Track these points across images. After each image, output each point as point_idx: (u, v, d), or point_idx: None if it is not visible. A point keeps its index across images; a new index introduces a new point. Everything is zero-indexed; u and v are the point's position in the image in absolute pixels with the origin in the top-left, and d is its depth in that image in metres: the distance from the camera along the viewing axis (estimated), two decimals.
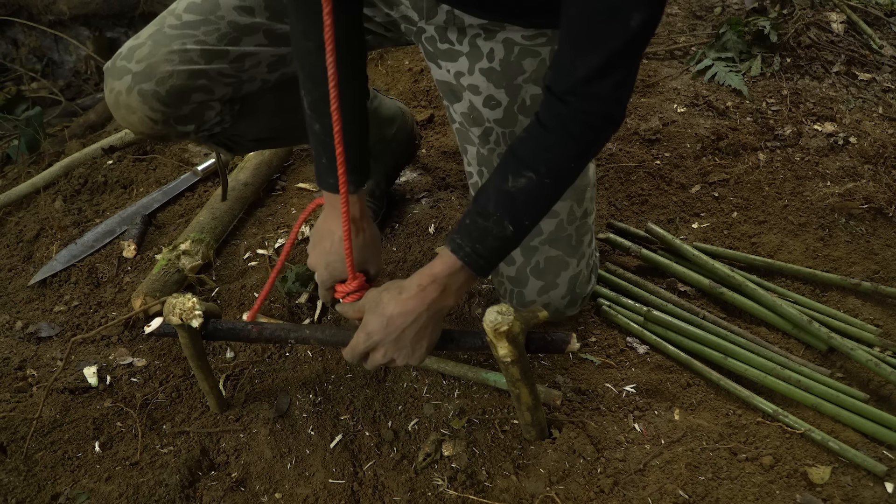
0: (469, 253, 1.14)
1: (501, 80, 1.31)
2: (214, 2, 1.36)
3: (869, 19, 2.50)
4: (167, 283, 1.68)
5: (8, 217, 2.10)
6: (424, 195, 1.94)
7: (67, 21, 3.19)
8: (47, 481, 1.33)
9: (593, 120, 1.07)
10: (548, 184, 1.11)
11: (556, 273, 1.42)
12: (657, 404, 1.38)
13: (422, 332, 1.18)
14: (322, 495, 1.28)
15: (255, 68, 1.40)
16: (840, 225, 1.75)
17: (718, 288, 1.58)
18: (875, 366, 1.38)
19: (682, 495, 1.21)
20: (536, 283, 1.42)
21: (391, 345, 1.18)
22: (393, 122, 1.84)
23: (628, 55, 1.02)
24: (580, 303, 1.50)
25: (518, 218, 1.13)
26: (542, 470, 1.27)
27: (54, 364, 1.59)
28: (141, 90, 1.31)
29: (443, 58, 1.35)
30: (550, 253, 1.41)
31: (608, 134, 1.12)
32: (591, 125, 1.07)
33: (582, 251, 1.45)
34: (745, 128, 2.07)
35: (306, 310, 1.67)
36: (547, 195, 1.14)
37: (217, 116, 1.42)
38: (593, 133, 1.09)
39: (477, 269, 1.16)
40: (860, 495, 1.21)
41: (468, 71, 1.33)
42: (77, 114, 2.85)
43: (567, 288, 1.44)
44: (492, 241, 1.14)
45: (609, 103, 1.06)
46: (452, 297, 1.18)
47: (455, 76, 1.35)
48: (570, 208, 1.40)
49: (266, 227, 1.92)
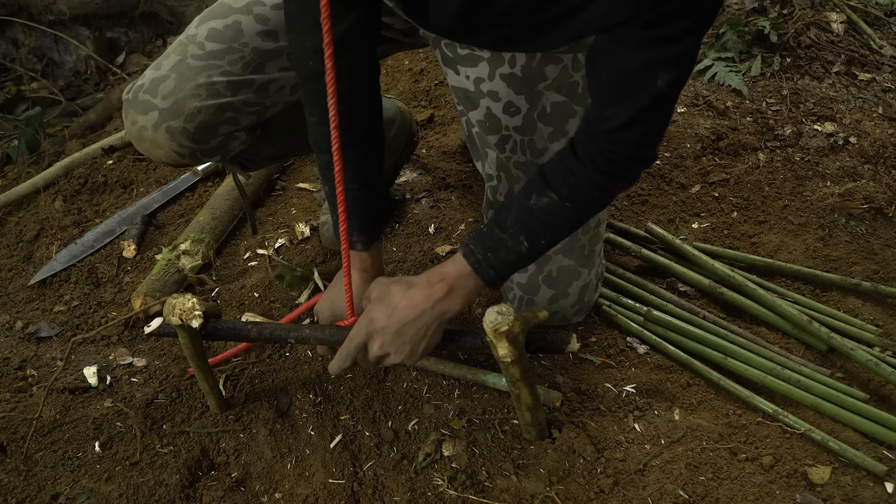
0: (480, 260, 1.16)
1: (522, 87, 1.31)
2: (237, 28, 1.32)
3: (869, 19, 2.50)
4: (167, 283, 1.69)
5: (8, 217, 2.10)
6: (424, 195, 1.94)
7: (67, 21, 3.19)
8: (47, 481, 1.33)
9: (620, 159, 1.09)
10: (568, 207, 1.13)
11: (567, 283, 1.42)
12: (657, 404, 1.38)
13: (423, 330, 1.18)
14: (322, 495, 1.28)
15: (279, 93, 1.39)
16: (840, 225, 1.75)
17: (718, 288, 1.58)
18: (875, 366, 1.38)
19: (682, 495, 1.21)
20: (548, 292, 1.42)
21: (391, 336, 1.18)
22: (393, 123, 1.83)
23: (656, 110, 1.04)
24: (586, 311, 1.51)
25: (535, 235, 1.15)
26: (542, 470, 1.27)
27: (54, 364, 1.59)
28: (169, 128, 1.29)
29: (462, 63, 1.34)
30: (563, 263, 1.41)
31: (635, 171, 1.14)
32: (617, 163, 1.09)
33: (593, 261, 1.45)
34: (745, 128, 2.07)
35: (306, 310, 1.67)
36: (567, 218, 1.16)
37: (241, 145, 1.42)
38: (619, 169, 1.11)
39: (486, 278, 1.17)
40: (860, 495, 1.21)
41: (488, 76, 1.32)
42: (77, 114, 2.85)
43: (577, 297, 1.44)
44: (505, 253, 1.15)
45: (635, 149, 1.09)
46: (458, 300, 1.18)
47: (475, 82, 1.34)
48: None
49: (266, 226, 1.92)
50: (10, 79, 3.13)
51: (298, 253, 1.82)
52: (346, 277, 1.25)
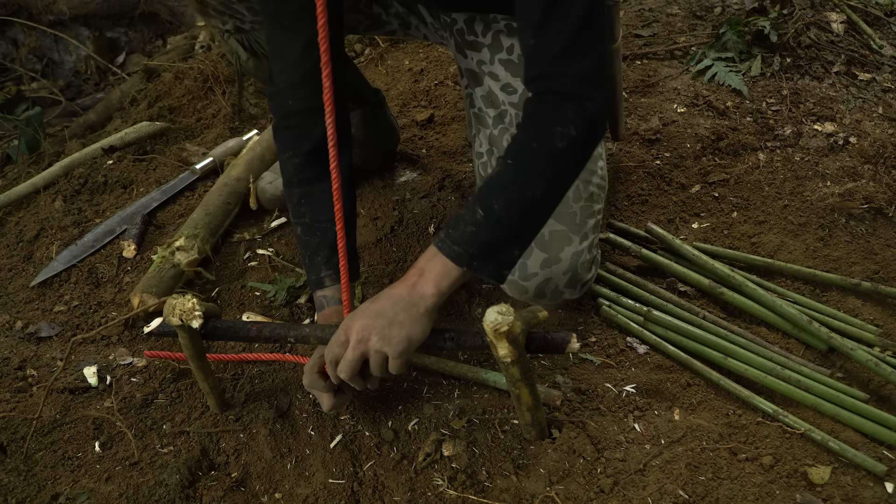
0: (443, 238, 1.18)
1: (518, 71, 1.47)
2: None
3: (869, 19, 2.50)
4: (163, 280, 1.68)
5: (8, 217, 2.10)
6: (424, 195, 1.94)
7: (67, 21, 3.19)
8: (47, 481, 1.33)
9: (544, 99, 1.17)
10: (510, 165, 1.17)
11: (559, 247, 1.43)
12: (657, 404, 1.38)
13: (402, 314, 1.16)
14: (322, 495, 1.28)
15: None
16: (840, 225, 1.75)
17: (718, 288, 1.58)
18: (875, 366, 1.38)
19: (682, 495, 1.21)
20: (540, 255, 1.43)
21: (370, 319, 1.17)
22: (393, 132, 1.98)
23: (578, 31, 1.14)
24: (579, 288, 1.49)
25: (487, 201, 1.16)
26: (542, 470, 1.27)
27: (54, 364, 1.59)
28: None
29: (469, 48, 1.51)
30: (555, 227, 1.44)
31: (565, 113, 1.15)
32: (540, 104, 1.17)
33: (585, 232, 1.47)
34: (745, 128, 2.07)
35: (306, 310, 1.67)
36: (513, 179, 1.16)
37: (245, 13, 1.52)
38: (542, 110, 1.17)
39: (451, 254, 1.16)
40: (860, 495, 1.21)
41: (489, 61, 1.49)
42: (77, 114, 2.86)
43: (569, 264, 1.44)
44: (463, 226, 1.17)
45: (555, 80, 1.16)
46: (430, 283, 1.17)
47: (478, 64, 1.51)
48: (576, 187, 1.46)
49: (266, 226, 1.92)
50: (10, 79, 3.13)
51: (298, 252, 1.82)
52: (343, 279, 1.27)
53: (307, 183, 1.39)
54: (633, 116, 2.16)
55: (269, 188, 1.91)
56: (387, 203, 1.92)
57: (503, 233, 1.17)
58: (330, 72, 1.13)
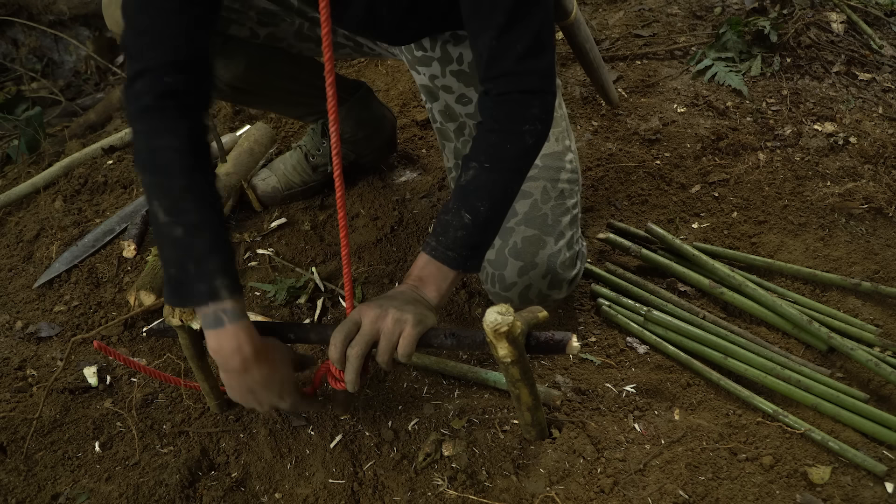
0: (434, 246, 1.22)
1: (470, 80, 1.48)
2: None
3: (869, 19, 2.50)
4: (157, 276, 1.69)
5: (8, 217, 2.10)
6: (424, 195, 1.94)
7: (67, 21, 3.18)
8: (47, 481, 1.33)
9: (511, 98, 1.21)
10: (487, 168, 1.21)
11: (533, 252, 1.43)
12: (657, 404, 1.38)
13: (412, 302, 1.20)
14: (322, 495, 1.28)
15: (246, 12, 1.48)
16: (840, 225, 1.75)
17: (718, 288, 1.58)
18: (875, 366, 1.38)
19: (682, 495, 1.21)
20: (516, 265, 1.42)
21: (384, 301, 1.19)
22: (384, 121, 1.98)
23: (529, 25, 1.17)
24: (566, 287, 1.48)
25: (472, 205, 1.21)
26: (542, 470, 1.27)
27: (54, 364, 1.59)
28: None
29: (419, 64, 1.51)
30: (527, 233, 1.43)
31: (531, 111, 1.21)
32: (507, 104, 1.21)
33: (560, 231, 1.46)
34: (745, 128, 2.07)
35: (306, 310, 1.67)
36: (493, 180, 1.22)
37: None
38: (510, 110, 1.21)
39: (445, 260, 1.22)
40: (860, 495, 1.21)
41: (441, 74, 1.49)
42: (77, 114, 2.85)
43: (547, 267, 1.43)
44: (453, 231, 1.21)
45: (521, 78, 1.20)
46: (432, 287, 1.23)
47: (430, 79, 1.51)
48: (544, 188, 1.47)
49: (265, 224, 1.92)
50: (10, 79, 3.13)
51: (298, 252, 1.82)
52: (346, 272, 1.27)
53: (190, 173, 1.14)
54: (633, 116, 2.16)
55: (261, 185, 1.95)
56: (387, 203, 1.92)
57: (491, 231, 1.26)
58: (333, 80, 1.14)
